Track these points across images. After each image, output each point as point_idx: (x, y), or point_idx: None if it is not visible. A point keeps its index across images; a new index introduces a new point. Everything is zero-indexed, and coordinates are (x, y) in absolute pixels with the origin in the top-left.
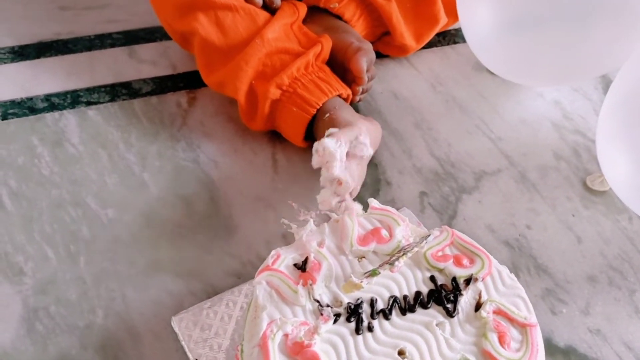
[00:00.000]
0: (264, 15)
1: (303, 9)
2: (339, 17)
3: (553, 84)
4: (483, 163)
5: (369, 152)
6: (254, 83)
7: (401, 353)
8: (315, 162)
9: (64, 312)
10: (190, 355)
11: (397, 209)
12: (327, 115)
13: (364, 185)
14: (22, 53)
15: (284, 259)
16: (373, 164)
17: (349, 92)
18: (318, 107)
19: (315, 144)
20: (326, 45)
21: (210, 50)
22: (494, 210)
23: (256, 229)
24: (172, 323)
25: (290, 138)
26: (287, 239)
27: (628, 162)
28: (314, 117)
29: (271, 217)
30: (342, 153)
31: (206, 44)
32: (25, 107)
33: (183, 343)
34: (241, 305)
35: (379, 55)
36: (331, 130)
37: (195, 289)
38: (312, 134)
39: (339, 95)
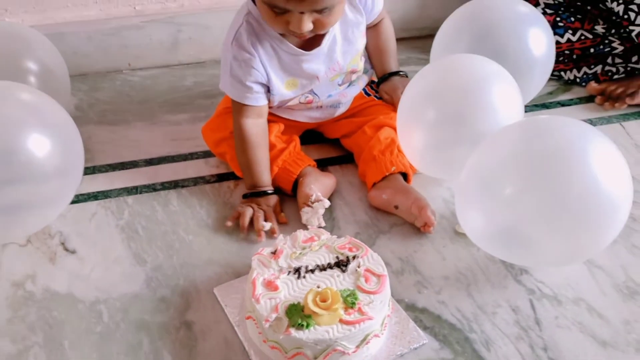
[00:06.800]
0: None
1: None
2: None
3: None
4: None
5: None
6: None
7: (319, 287)
8: (308, 217)
9: None
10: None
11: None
12: (300, 179)
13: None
14: None
15: (265, 249)
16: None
17: (314, 163)
18: (297, 173)
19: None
20: (297, 140)
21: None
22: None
23: None
24: (214, 291)
25: (285, 189)
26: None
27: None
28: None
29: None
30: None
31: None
32: None
33: (219, 300)
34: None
35: None
36: (315, 196)
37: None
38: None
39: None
